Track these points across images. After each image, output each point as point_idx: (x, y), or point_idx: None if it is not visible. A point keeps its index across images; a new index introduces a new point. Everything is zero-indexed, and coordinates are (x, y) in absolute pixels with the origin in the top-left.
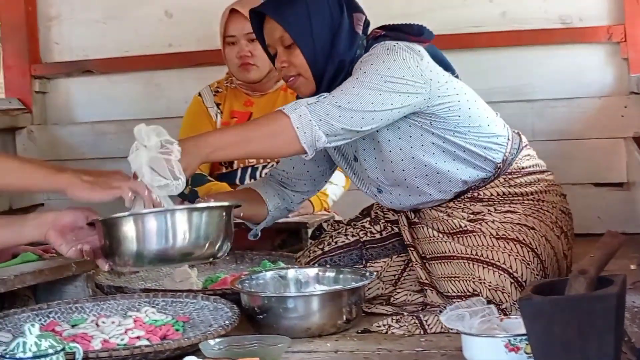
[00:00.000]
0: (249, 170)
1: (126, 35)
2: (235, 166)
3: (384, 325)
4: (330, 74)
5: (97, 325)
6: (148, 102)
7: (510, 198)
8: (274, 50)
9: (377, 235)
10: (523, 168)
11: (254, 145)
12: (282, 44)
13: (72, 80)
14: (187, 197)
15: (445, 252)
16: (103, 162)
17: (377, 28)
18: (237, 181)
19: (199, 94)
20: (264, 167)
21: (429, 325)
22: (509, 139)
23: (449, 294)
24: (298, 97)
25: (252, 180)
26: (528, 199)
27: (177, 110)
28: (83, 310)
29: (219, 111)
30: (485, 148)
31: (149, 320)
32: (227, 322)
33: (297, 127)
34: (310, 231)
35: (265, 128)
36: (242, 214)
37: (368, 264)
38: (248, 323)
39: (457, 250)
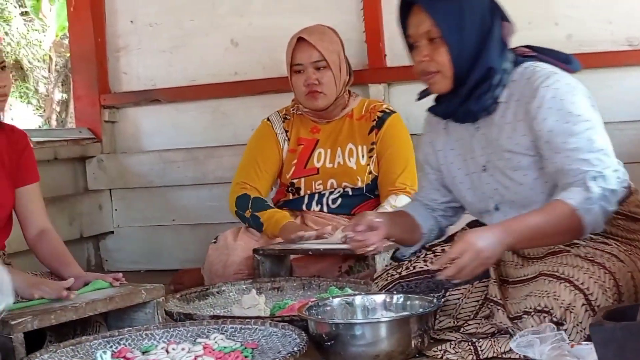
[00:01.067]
0: (316, 196)
1: (192, 64)
2: (302, 192)
3: (439, 350)
4: (474, 79)
5: (167, 352)
6: (214, 130)
7: (609, 236)
8: (414, 41)
9: None
10: (631, 212)
11: (547, 240)
12: (427, 38)
13: (140, 109)
14: (249, 220)
15: (528, 274)
16: (170, 189)
17: (523, 46)
18: (304, 207)
19: (268, 119)
20: (330, 193)
21: (482, 351)
22: (625, 177)
23: (518, 313)
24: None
25: (319, 206)
26: (626, 241)
27: (243, 137)
28: (153, 337)
29: (286, 138)
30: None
31: (218, 347)
32: (295, 348)
33: (588, 225)
34: (377, 258)
35: (560, 227)
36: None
37: (448, 293)
38: (316, 350)
39: (538, 270)
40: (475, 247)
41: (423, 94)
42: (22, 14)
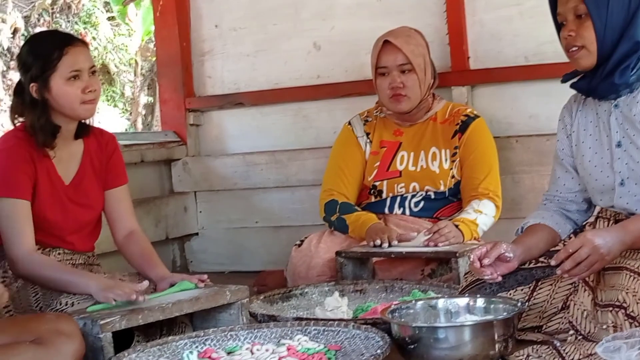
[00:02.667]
0: (398, 199)
1: (276, 68)
2: (384, 195)
3: (522, 354)
4: (620, 53)
5: (252, 352)
6: (297, 133)
7: None
8: (562, 19)
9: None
10: None
11: None
12: (574, 13)
13: (224, 112)
14: (335, 223)
15: (618, 263)
16: (254, 192)
17: None
18: (386, 210)
19: (349, 123)
20: (412, 196)
21: (567, 354)
22: None
23: (600, 303)
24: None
25: (401, 209)
26: None
27: (325, 140)
28: (238, 337)
29: (368, 140)
30: None
31: (302, 348)
32: (378, 351)
33: None
34: (460, 261)
35: None
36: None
37: (539, 283)
38: (399, 353)
39: (629, 265)
40: (592, 243)
41: (567, 76)
42: (108, 18)
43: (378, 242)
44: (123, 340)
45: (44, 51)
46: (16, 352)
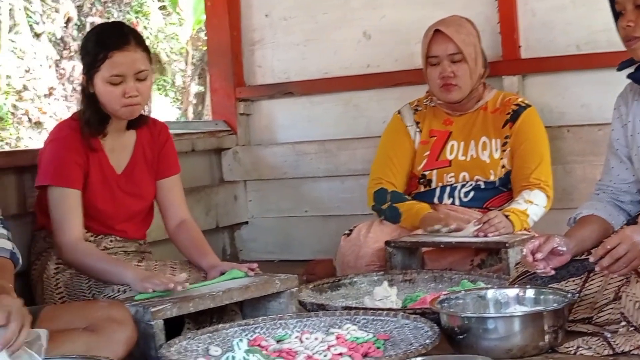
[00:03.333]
0: (448, 189)
1: (326, 57)
2: (433, 185)
3: (572, 346)
4: None
5: (301, 341)
6: (347, 123)
7: None
8: (620, 8)
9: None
10: None
11: None
12: (633, 3)
13: (274, 102)
14: (386, 212)
15: None
16: (304, 181)
17: None
18: (436, 200)
19: (399, 112)
20: (462, 185)
21: (617, 345)
22: None
23: None
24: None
25: (450, 199)
26: None
27: (375, 130)
28: (287, 326)
29: (417, 130)
30: None
31: (351, 337)
32: (427, 341)
33: None
34: (510, 252)
35: None
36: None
37: (591, 274)
38: (448, 342)
39: None
40: (631, 239)
41: (623, 64)
42: (160, 8)
43: (437, 226)
44: (174, 327)
45: (93, 49)
46: (70, 338)
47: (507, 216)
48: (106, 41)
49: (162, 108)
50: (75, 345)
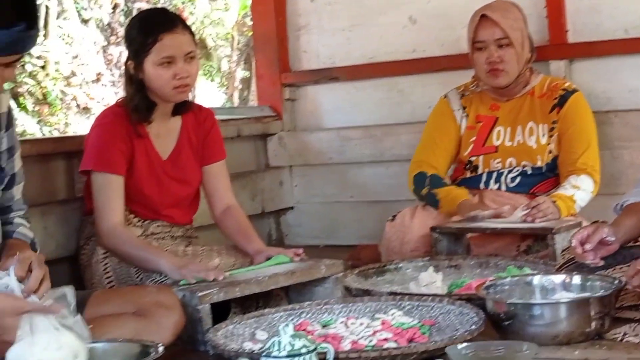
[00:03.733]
0: (494, 174)
1: (371, 42)
2: (480, 171)
3: (618, 333)
4: None
5: (347, 326)
6: (392, 108)
7: None
8: None
9: None
10: None
11: None
12: None
13: (319, 87)
14: (425, 197)
15: None
16: (349, 167)
17: None
18: (482, 185)
19: (445, 96)
20: (509, 171)
21: None
22: None
23: None
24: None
25: (497, 184)
26: None
27: (420, 115)
28: (333, 311)
29: (464, 114)
30: None
31: (396, 322)
32: (472, 327)
33: None
34: (557, 237)
35: None
36: None
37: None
38: (493, 329)
39: None
40: None
41: None
42: None
43: (473, 213)
44: (221, 312)
45: (141, 34)
46: (119, 322)
47: (553, 202)
48: (154, 25)
49: (208, 93)
50: (124, 330)
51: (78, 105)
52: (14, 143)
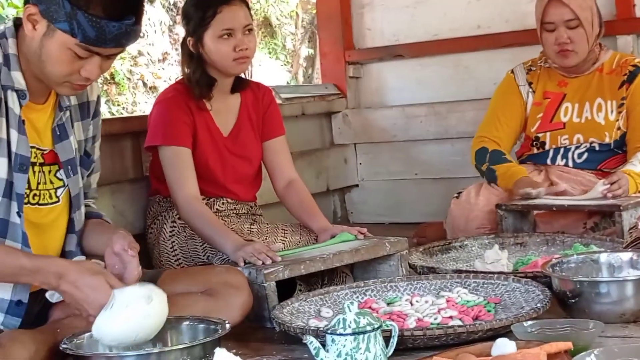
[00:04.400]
0: (561, 150)
1: (435, 19)
2: (547, 147)
3: None
4: None
5: (411, 304)
6: (456, 85)
7: None
8: None
9: None
10: None
11: None
12: None
13: (383, 64)
14: (485, 173)
15: None
16: (413, 144)
17: None
18: (549, 161)
19: (512, 71)
20: (576, 147)
21: None
22: None
23: None
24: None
25: (564, 161)
26: None
27: (485, 92)
28: (397, 289)
29: (530, 90)
30: None
31: (461, 300)
32: (538, 305)
33: None
34: (624, 214)
35: None
36: None
37: None
38: (559, 306)
39: None
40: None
41: None
42: None
43: (529, 189)
44: (286, 289)
45: (200, 8)
46: (189, 302)
47: None
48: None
49: (273, 71)
50: (194, 309)
51: (145, 85)
52: (97, 132)
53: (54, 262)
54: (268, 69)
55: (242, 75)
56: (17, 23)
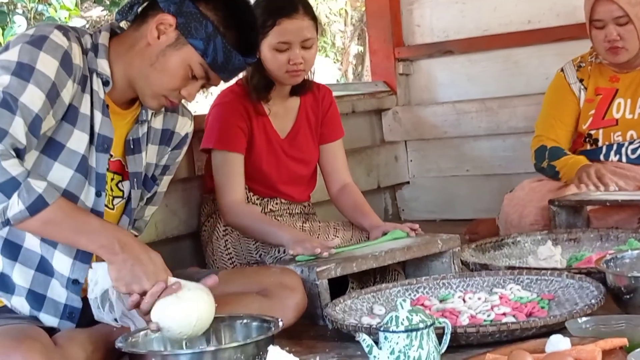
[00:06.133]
0: (614, 147)
1: (485, 15)
2: (600, 143)
3: None
4: None
5: (464, 300)
6: (507, 80)
7: None
8: None
9: None
10: None
11: None
12: None
13: (433, 61)
14: (546, 171)
15: None
16: (464, 140)
17: None
18: (602, 157)
19: (562, 70)
20: (630, 143)
21: None
22: None
23: None
24: None
25: (617, 156)
26: None
27: (536, 87)
28: (450, 286)
29: (582, 87)
30: None
31: (515, 297)
32: (592, 301)
33: None
34: None
35: None
36: None
37: None
38: (614, 302)
39: None
40: None
41: None
42: None
43: (591, 187)
44: (338, 287)
45: (262, 15)
46: (245, 302)
47: None
48: (275, 8)
49: (323, 69)
50: (249, 309)
51: None
52: (172, 166)
53: (122, 230)
54: (318, 67)
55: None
56: (112, 27)
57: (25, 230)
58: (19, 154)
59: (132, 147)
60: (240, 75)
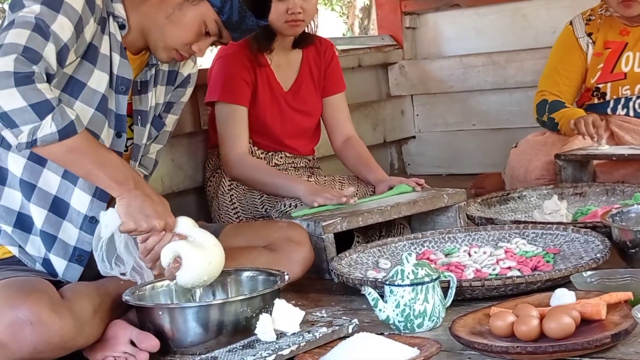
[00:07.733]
0: (622, 100)
1: None
2: (607, 97)
3: None
4: None
5: (469, 255)
6: (515, 34)
7: None
8: None
9: None
10: None
11: None
12: None
13: (440, 14)
14: (547, 124)
15: None
16: (471, 94)
17: None
18: (609, 111)
19: (571, 23)
20: (637, 97)
21: None
22: None
23: None
24: None
25: (624, 110)
26: None
27: (544, 41)
28: (455, 240)
29: (590, 41)
30: None
31: (520, 251)
32: (598, 255)
33: None
34: None
35: None
36: None
37: None
38: (619, 256)
39: None
40: None
41: None
42: None
43: (587, 138)
44: (344, 241)
45: None
46: (252, 255)
47: None
48: None
49: (328, 23)
50: (256, 263)
51: None
52: (177, 104)
53: (136, 171)
54: (324, 21)
55: (306, 30)
56: None
57: (45, 155)
58: (49, 79)
59: (139, 88)
60: None
